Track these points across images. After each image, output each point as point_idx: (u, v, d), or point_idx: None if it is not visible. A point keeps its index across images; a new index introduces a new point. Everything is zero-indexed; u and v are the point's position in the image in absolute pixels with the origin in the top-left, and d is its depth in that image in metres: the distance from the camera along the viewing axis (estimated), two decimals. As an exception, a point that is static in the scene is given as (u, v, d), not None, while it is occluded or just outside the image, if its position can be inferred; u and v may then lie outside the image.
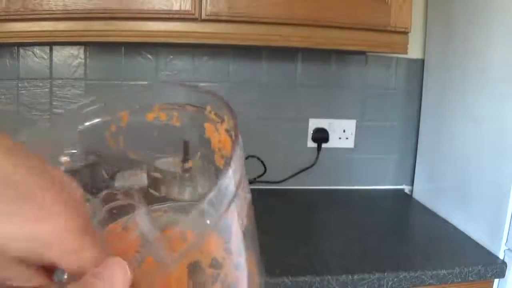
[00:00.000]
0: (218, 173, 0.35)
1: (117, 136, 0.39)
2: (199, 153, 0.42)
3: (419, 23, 1.19)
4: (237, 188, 0.25)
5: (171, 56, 1.14)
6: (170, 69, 1.14)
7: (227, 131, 0.34)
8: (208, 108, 0.36)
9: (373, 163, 1.28)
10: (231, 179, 0.25)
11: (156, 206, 0.40)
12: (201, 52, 1.14)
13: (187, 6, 0.82)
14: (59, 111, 1.12)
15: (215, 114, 0.35)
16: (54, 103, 1.11)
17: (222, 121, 0.35)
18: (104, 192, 0.33)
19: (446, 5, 1.09)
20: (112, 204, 0.33)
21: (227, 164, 0.25)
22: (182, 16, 0.83)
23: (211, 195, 0.23)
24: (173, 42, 0.89)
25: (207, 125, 0.37)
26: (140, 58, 1.13)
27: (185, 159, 0.41)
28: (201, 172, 0.43)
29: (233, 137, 0.31)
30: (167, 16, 0.83)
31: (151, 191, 0.41)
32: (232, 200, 0.24)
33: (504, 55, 0.86)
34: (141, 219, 0.31)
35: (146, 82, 0.38)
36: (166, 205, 0.40)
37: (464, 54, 1.00)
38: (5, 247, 0.18)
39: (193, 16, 0.83)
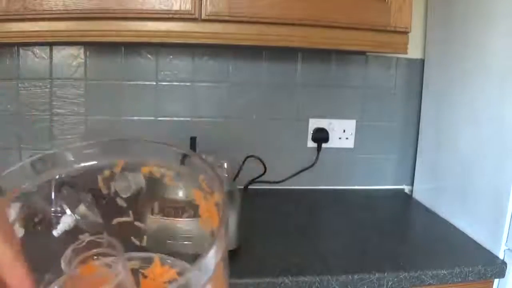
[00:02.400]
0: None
1: (109, 181, 0.40)
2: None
3: (419, 23, 1.19)
4: (216, 268, 0.26)
5: (171, 56, 1.14)
6: (170, 69, 1.14)
7: (217, 205, 0.35)
8: (201, 176, 0.37)
9: (373, 163, 1.28)
10: (212, 258, 0.26)
11: (133, 254, 0.41)
12: (201, 52, 1.14)
13: (187, 6, 0.82)
14: (60, 110, 1.12)
15: (207, 184, 0.36)
16: (54, 103, 1.11)
17: (212, 193, 0.36)
18: (87, 239, 0.34)
19: (446, 5, 1.09)
20: (95, 251, 0.34)
21: (211, 244, 0.26)
22: (182, 16, 0.83)
23: (189, 275, 0.24)
24: (173, 42, 0.89)
25: (196, 192, 0.38)
26: (140, 58, 1.13)
27: (184, 158, 0.42)
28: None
29: (221, 216, 0.32)
30: (167, 16, 0.83)
31: (133, 239, 0.42)
32: (210, 278, 0.25)
33: (504, 55, 0.86)
34: (122, 270, 0.32)
35: (147, 140, 0.39)
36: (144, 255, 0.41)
37: (464, 54, 1.00)
38: None
39: (193, 16, 0.83)
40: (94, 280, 0.33)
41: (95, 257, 0.34)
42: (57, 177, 0.38)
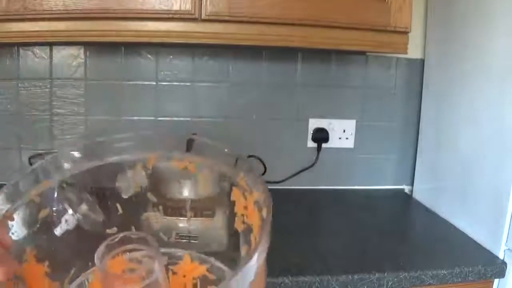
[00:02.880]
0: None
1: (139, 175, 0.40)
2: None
3: (419, 23, 1.19)
4: (258, 271, 0.26)
5: (171, 56, 1.14)
6: (170, 69, 1.14)
7: (256, 203, 0.34)
8: (241, 174, 0.37)
9: (373, 163, 1.28)
10: (255, 265, 0.26)
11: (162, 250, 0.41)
12: (201, 52, 1.14)
13: (187, 6, 0.82)
14: (60, 110, 1.12)
15: (246, 183, 0.36)
16: (54, 103, 1.11)
17: (252, 191, 0.35)
18: (121, 235, 0.34)
19: (446, 5, 1.09)
20: (129, 247, 0.34)
21: (255, 249, 0.26)
22: (182, 16, 0.83)
23: (236, 277, 0.24)
24: (173, 42, 0.89)
25: (235, 189, 0.37)
26: (140, 58, 1.13)
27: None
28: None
29: (265, 216, 0.31)
30: (167, 16, 0.83)
31: (161, 235, 0.42)
32: (253, 281, 0.25)
33: (504, 55, 0.86)
34: (157, 267, 0.32)
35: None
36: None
37: (464, 54, 1.00)
38: None
39: (193, 16, 0.83)
40: (125, 277, 0.33)
41: (128, 253, 0.34)
42: (92, 166, 0.38)
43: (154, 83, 1.15)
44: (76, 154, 0.39)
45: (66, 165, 0.38)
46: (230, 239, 0.41)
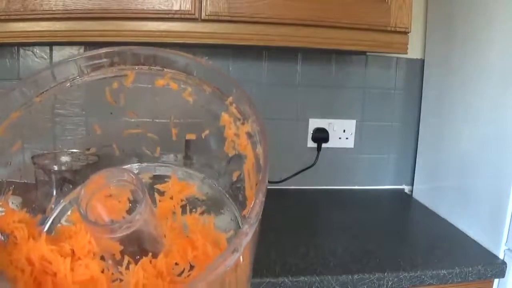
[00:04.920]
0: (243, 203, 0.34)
1: (118, 93, 0.38)
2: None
3: (419, 23, 1.19)
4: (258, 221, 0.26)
5: (171, 56, 1.13)
6: (170, 69, 1.14)
7: (249, 135, 0.33)
8: (230, 98, 0.34)
9: (373, 163, 1.28)
10: (258, 208, 0.26)
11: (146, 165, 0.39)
12: (201, 52, 1.14)
13: (187, 6, 0.82)
14: (60, 111, 1.11)
15: (237, 108, 0.34)
16: (56, 104, 1.11)
17: (245, 120, 0.33)
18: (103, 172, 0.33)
19: (446, 5, 1.09)
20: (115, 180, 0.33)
21: (256, 193, 0.25)
22: (182, 16, 0.83)
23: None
24: (173, 42, 0.89)
25: (224, 115, 0.35)
26: (140, 58, 1.13)
27: (187, 156, 0.41)
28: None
29: (262, 163, 0.30)
30: (167, 16, 0.83)
31: (145, 150, 0.41)
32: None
33: (504, 55, 0.86)
34: (144, 213, 0.32)
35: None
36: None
37: (464, 54, 1.00)
38: None
39: (193, 16, 0.83)
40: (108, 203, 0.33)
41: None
42: (68, 84, 0.37)
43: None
44: None
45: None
46: (219, 159, 0.39)
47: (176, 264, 0.33)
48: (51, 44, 1.09)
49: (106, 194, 0.34)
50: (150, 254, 0.33)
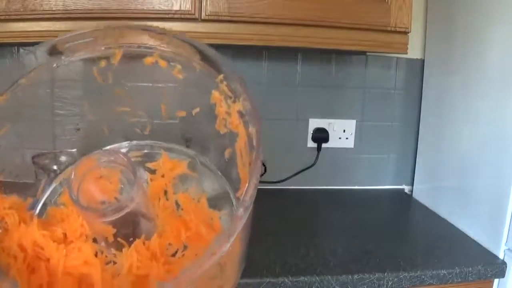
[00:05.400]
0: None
1: (106, 71, 0.38)
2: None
3: (419, 23, 1.19)
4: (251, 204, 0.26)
5: (171, 56, 1.13)
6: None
7: (241, 114, 0.32)
8: (221, 76, 0.33)
9: (373, 163, 1.28)
10: (251, 193, 0.25)
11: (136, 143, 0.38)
12: (201, 52, 1.14)
13: (187, 6, 0.82)
14: (61, 112, 1.12)
15: (228, 86, 0.33)
16: (55, 103, 1.11)
17: (236, 98, 0.32)
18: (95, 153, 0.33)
19: (446, 5, 1.09)
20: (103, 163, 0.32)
21: (250, 175, 0.25)
22: (182, 16, 0.83)
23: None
24: (173, 42, 0.89)
25: (215, 93, 0.34)
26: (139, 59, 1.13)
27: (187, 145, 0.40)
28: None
29: (255, 143, 0.30)
30: (167, 16, 0.83)
31: (136, 129, 0.41)
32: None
33: (504, 55, 0.86)
34: (137, 194, 0.31)
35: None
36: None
37: (464, 54, 1.00)
38: None
39: (193, 16, 0.83)
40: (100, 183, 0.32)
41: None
42: (54, 65, 0.36)
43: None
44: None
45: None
46: (211, 136, 0.38)
47: (170, 244, 0.33)
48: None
49: (96, 176, 0.33)
50: (143, 235, 0.33)
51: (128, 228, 0.32)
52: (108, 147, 0.38)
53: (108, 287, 0.31)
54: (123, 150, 0.37)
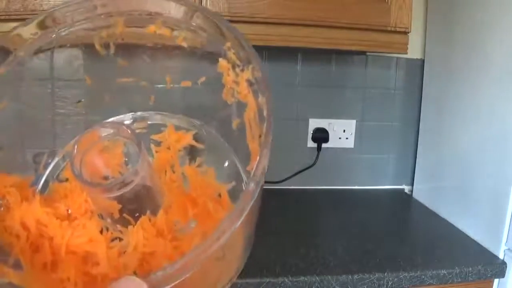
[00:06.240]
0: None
1: (108, 41, 0.36)
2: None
3: (419, 23, 1.19)
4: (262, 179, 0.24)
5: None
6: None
7: (250, 83, 0.31)
8: (228, 44, 0.32)
9: (373, 163, 1.28)
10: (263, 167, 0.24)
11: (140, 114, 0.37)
12: (201, 52, 1.14)
13: (187, 6, 0.82)
14: (61, 111, 1.12)
15: (236, 54, 0.31)
16: (56, 103, 1.11)
17: (244, 67, 0.31)
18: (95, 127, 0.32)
19: (446, 5, 1.09)
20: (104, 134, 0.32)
21: (260, 150, 0.24)
22: (182, 16, 0.83)
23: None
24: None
25: (222, 61, 0.33)
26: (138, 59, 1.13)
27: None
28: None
29: (266, 113, 0.28)
30: (167, 16, 0.83)
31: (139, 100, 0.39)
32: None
33: (504, 55, 0.86)
34: (143, 168, 0.31)
35: None
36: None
37: (464, 54, 1.00)
38: None
39: (193, 16, 0.83)
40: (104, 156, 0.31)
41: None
42: (53, 35, 0.35)
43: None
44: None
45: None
46: (218, 107, 0.36)
47: (177, 220, 0.32)
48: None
49: (99, 149, 0.33)
50: (149, 211, 0.32)
51: (134, 204, 0.31)
52: (111, 119, 0.37)
53: (114, 265, 0.30)
54: (127, 122, 0.36)
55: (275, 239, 0.89)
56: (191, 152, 0.37)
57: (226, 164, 0.36)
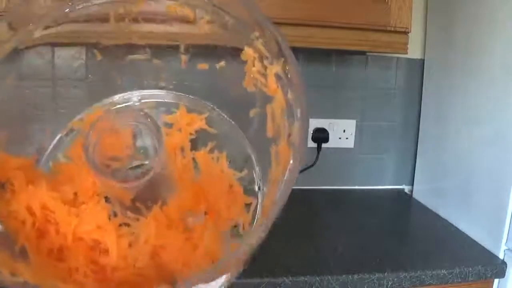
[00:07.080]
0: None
1: (124, 17, 0.35)
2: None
3: (419, 23, 1.19)
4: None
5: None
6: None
7: (278, 77, 0.29)
8: (256, 33, 0.30)
9: (373, 163, 1.28)
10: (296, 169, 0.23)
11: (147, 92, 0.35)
12: (201, 52, 1.14)
13: (187, 6, 0.82)
14: (63, 111, 1.12)
15: (265, 44, 0.30)
16: (57, 103, 1.11)
17: (274, 60, 0.29)
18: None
19: (446, 5, 1.09)
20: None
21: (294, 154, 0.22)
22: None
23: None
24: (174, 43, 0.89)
25: (248, 49, 0.31)
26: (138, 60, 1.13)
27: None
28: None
29: (300, 111, 0.27)
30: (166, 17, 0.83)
31: (149, 80, 0.38)
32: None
33: (504, 55, 0.86)
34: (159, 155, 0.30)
35: None
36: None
37: (464, 54, 1.00)
38: None
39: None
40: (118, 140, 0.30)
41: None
42: (67, 10, 0.33)
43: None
44: None
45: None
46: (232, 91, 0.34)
47: (189, 211, 0.31)
48: (52, 45, 1.08)
49: (114, 137, 0.31)
50: (160, 201, 0.31)
51: (147, 192, 0.30)
52: (119, 95, 0.36)
53: (123, 256, 0.29)
54: (135, 99, 0.35)
55: (275, 239, 0.89)
56: (203, 136, 0.35)
57: (238, 150, 0.35)
